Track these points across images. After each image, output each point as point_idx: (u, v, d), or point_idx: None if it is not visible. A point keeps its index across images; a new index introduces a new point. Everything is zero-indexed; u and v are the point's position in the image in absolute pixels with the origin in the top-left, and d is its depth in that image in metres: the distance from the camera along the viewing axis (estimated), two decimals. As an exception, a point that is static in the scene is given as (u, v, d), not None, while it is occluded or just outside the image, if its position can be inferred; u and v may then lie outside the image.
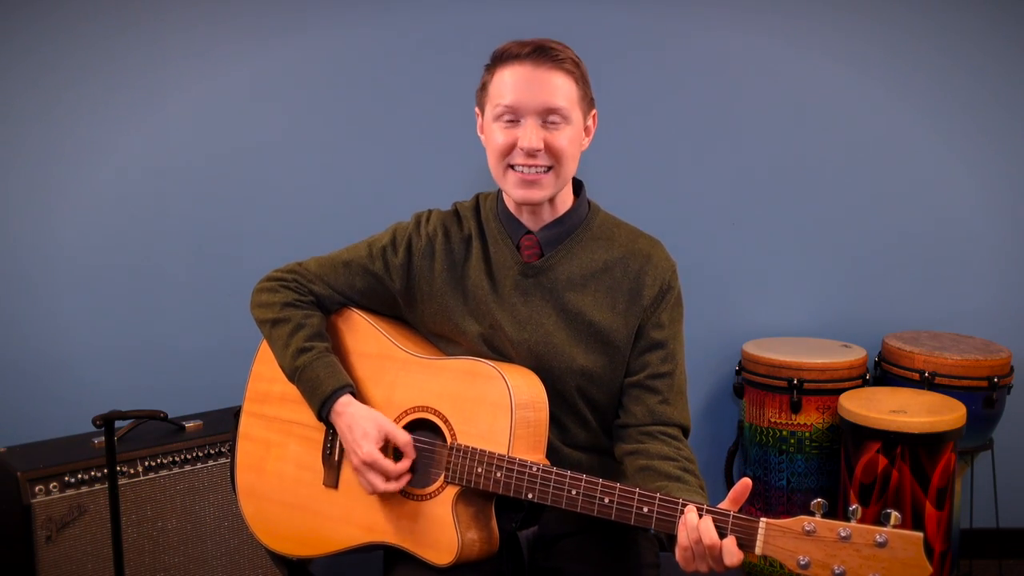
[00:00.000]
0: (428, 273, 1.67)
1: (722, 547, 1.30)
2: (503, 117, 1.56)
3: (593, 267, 1.63)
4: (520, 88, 1.54)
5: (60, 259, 2.81)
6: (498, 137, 1.57)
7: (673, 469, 1.52)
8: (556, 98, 1.54)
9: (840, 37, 2.92)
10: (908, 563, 1.20)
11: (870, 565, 1.21)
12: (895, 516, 1.22)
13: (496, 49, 1.58)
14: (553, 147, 1.55)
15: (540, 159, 1.55)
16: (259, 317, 1.72)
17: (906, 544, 1.20)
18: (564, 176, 1.59)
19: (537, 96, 1.53)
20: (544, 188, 1.57)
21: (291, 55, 2.83)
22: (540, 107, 1.54)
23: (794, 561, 1.26)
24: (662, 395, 1.60)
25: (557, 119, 1.55)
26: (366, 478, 1.56)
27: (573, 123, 1.57)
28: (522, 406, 1.52)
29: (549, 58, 1.54)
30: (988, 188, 2.99)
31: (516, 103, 1.54)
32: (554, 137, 1.55)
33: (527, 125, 1.54)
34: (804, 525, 1.26)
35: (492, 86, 1.58)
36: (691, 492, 1.47)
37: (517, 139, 1.55)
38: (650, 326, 1.62)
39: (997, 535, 3.07)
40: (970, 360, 2.69)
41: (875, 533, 1.22)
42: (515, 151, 1.56)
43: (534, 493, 1.46)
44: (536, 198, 1.58)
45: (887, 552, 1.21)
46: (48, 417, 2.73)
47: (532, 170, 1.55)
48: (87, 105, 2.77)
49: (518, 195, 1.58)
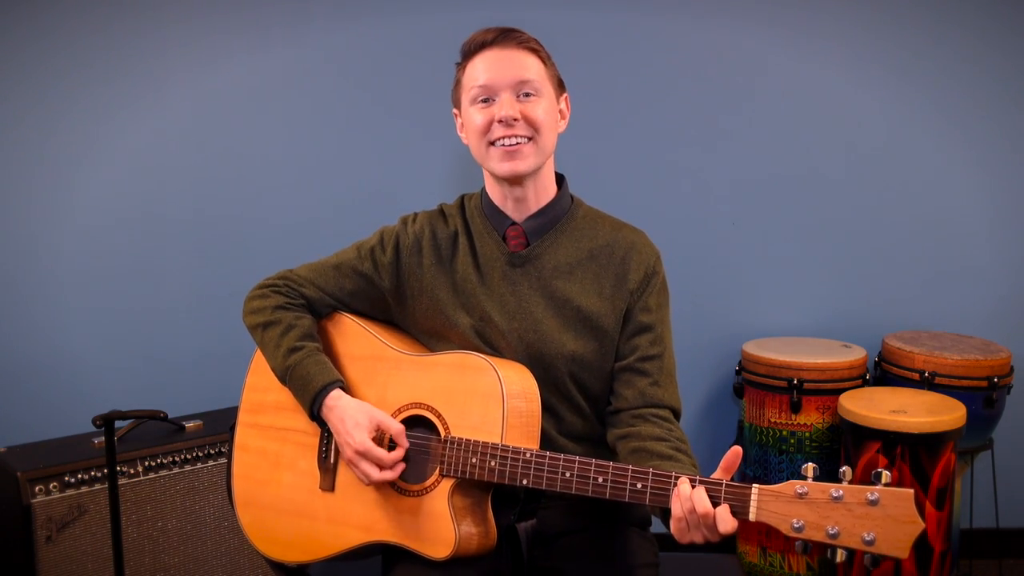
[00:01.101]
0: (417, 269, 1.69)
1: (715, 515, 1.31)
2: (479, 98, 1.62)
3: (579, 255, 1.66)
4: (491, 68, 1.61)
5: (60, 259, 2.81)
6: (476, 118, 1.62)
7: (665, 449, 1.53)
8: (527, 71, 1.61)
9: (840, 37, 2.92)
10: (901, 519, 1.20)
11: (863, 524, 1.22)
12: (886, 475, 1.23)
13: (462, 44, 1.65)
14: (530, 117, 1.60)
15: (519, 128, 1.60)
16: (250, 323, 1.74)
17: (898, 500, 1.21)
18: (544, 148, 1.63)
19: (508, 71, 1.60)
20: (527, 158, 1.61)
21: (291, 56, 2.83)
22: (513, 80, 1.60)
23: (788, 525, 1.26)
24: (652, 377, 1.62)
25: (530, 91, 1.61)
26: (360, 468, 1.57)
27: (546, 96, 1.63)
28: (513, 395, 1.53)
29: (514, 39, 1.62)
30: (988, 188, 2.99)
31: (489, 81, 1.60)
32: (529, 108, 1.60)
33: (502, 99, 1.60)
34: (796, 488, 1.27)
35: (465, 77, 1.65)
36: (684, 469, 1.48)
37: (494, 115, 1.60)
38: (637, 310, 1.64)
39: (997, 535, 3.07)
40: (970, 360, 2.69)
41: (866, 492, 1.22)
42: (493, 126, 1.60)
43: (528, 479, 1.47)
44: (521, 168, 1.61)
45: (879, 510, 1.21)
46: (48, 417, 2.73)
47: (513, 140, 1.60)
48: (86, 105, 2.77)
49: (503, 168, 1.61)
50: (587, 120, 1.71)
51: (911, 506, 1.20)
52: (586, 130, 2.59)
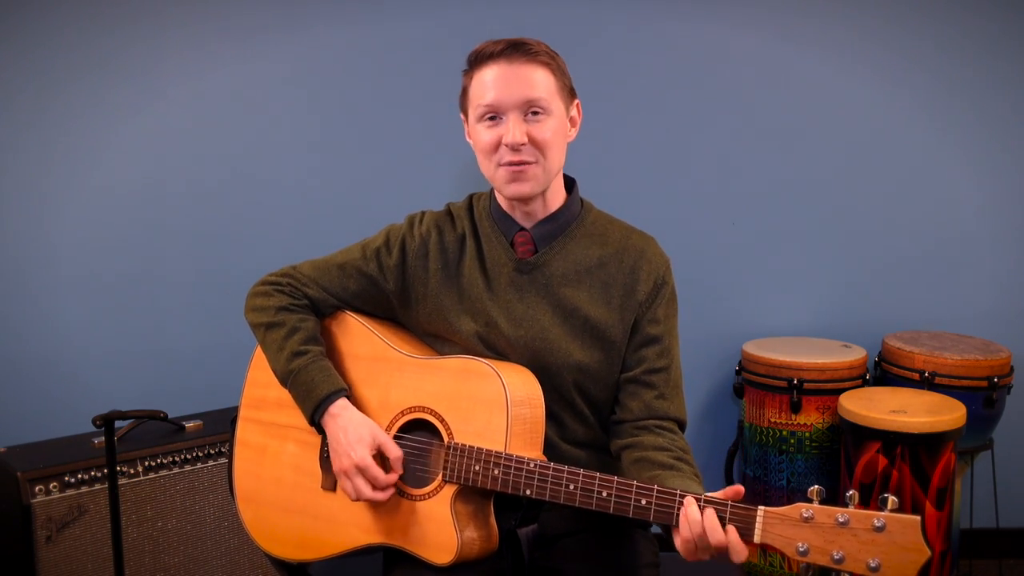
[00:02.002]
0: (423, 273, 1.68)
1: (729, 546, 1.29)
2: (485, 117, 1.58)
3: (588, 263, 1.64)
4: (499, 85, 1.56)
5: (60, 259, 2.81)
6: (483, 137, 1.59)
7: (667, 458, 1.52)
8: (535, 90, 1.56)
9: (840, 37, 2.92)
10: (907, 547, 1.19)
11: (869, 550, 1.21)
12: (892, 500, 1.21)
13: (471, 52, 1.61)
14: (537, 139, 1.56)
15: (525, 153, 1.56)
16: (253, 321, 1.72)
17: (904, 528, 1.20)
18: (551, 168, 1.60)
19: (516, 91, 1.55)
20: (532, 180, 1.58)
21: (291, 56, 2.83)
22: (520, 101, 1.55)
23: (793, 548, 1.25)
24: (658, 390, 1.61)
25: (538, 111, 1.57)
26: (353, 482, 1.55)
27: (555, 114, 1.59)
28: (518, 403, 1.52)
29: (523, 52, 1.56)
30: (988, 188, 2.99)
31: (496, 101, 1.56)
32: (537, 129, 1.56)
33: (509, 120, 1.56)
34: (802, 512, 1.26)
35: (472, 89, 1.60)
36: (685, 479, 1.47)
37: (501, 136, 1.56)
38: (646, 321, 1.62)
39: (997, 535, 3.06)
40: (970, 360, 2.68)
41: (873, 518, 1.21)
42: (501, 148, 1.57)
43: (532, 489, 1.46)
44: (526, 191, 1.59)
45: (885, 536, 1.20)
46: (48, 417, 2.73)
47: (520, 164, 1.57)
48: (85, 105, 2.77)
49: (509, 191, 1.59)
50: (587, 121, 1.71)
51: (918, 533, 1.19)
52: (586, 130, 2.58)
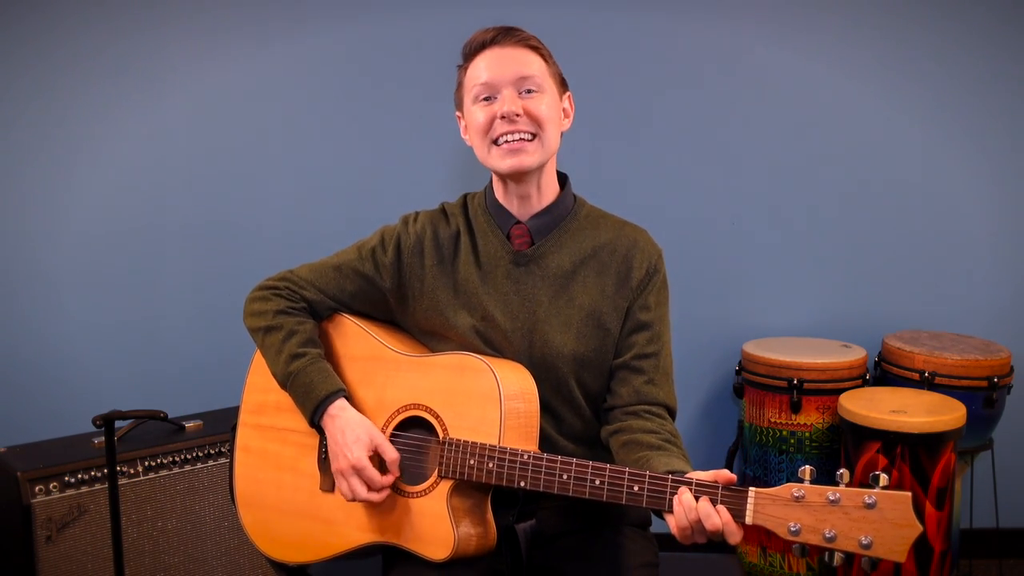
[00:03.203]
0: (419, 270, 1.69)
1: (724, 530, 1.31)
2: (480, 98, 1.61)
3: (582, 253, 1.66)
4: (493, 65, 1.60)
5: (60, 259, 2.81)
6: (478, 116, 1.61)
7: (654, 440, 1.54)
8: (528, 68, 1.60)
9: (840, 38, 2.91)
10: (898, 523, 1.19)
11: (860, 527, 1.21)
12: (883, 478, 1.22)
13: (463, 45, 1.64)
14: (532, 112, 1.59)
15: (521, 124, 1.59)
16: (252, 326, 1.73)
17: (895, 504, 1.20)
18: (548, 145, 1.62)
19: (509, 68, 1.59)
20: (530, 155, 1.60)
21: (291, 55, 2.83)
22: (514, 77, 1.59)
23: (785, 528, 1.26)
24: (647, 375, 1.62)
25: (532, 88, 1.60)
26: (349, 482, 1.56)
27: (548, 93, 1.62)
28: (511, 397, 1.53)
29: (514, 36, 1.61)
30: (988, 188, 2.98)
31: (491, 79, 1.60)
32: (532, 104, 1.60)
33: (504, 95, 1.59)
34: (793, 491, 1.26)
35: (467, 77, 1.64)
36: (672, 457, 1.49)
37: (496, 112, 1.59)
38: (637, 308, 1.64)
39: (997, 535, 3.07)
40: (970, 360, 2.68)
41: (863, 495, 1.21)
42: (496, 123, 1.59)
43: (526, 481, 1.47)
44: (525, 165, 1.60)
45: (876, 513, 1.20)
46: (48, 417, 2.74)
47: (516, 136, 1.59)
48: (86, 104, 2.77)
49: (507, 165, 1.60)
50: (587, 120, 1.72)
51: (908, 509, 1.19)
52: (586, 130, 2.59)
